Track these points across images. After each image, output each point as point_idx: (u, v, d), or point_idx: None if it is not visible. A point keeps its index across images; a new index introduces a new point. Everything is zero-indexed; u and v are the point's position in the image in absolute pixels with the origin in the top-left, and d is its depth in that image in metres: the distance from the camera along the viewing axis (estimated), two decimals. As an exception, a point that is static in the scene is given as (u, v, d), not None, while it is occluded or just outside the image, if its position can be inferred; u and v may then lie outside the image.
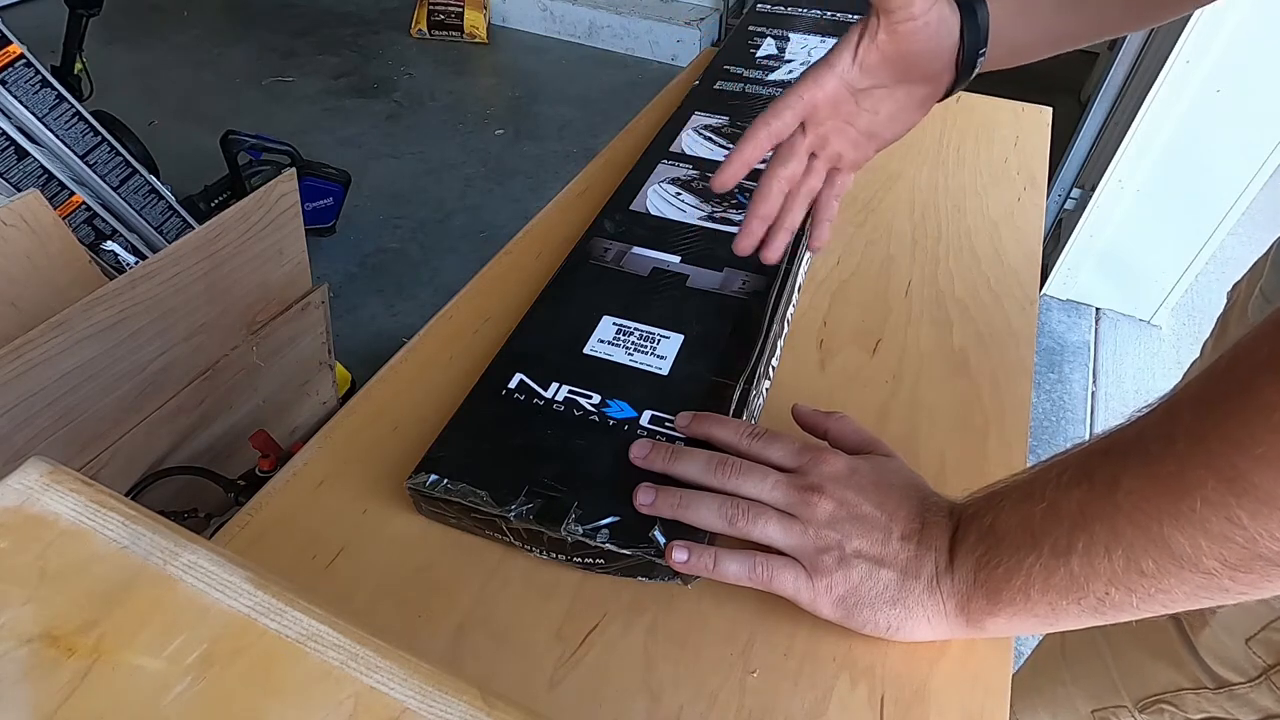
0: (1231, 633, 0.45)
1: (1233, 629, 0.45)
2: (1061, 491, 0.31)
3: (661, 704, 0.36)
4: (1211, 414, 0.26)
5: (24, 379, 0.68)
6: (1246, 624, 0.44)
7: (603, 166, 0.72)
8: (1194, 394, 0.28)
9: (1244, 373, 0.25)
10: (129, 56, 2.75)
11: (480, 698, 0.21)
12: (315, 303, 1.01)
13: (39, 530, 0.24)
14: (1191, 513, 0.26)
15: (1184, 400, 0.28)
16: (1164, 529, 0.27)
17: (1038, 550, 0.31)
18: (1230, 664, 0.46)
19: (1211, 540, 0.26)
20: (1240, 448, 0.24)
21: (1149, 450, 0.28)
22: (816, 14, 0.85)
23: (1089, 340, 1.78)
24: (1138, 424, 0.30)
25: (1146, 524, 0.27)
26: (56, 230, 0.82)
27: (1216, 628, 0.46)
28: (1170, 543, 0.27)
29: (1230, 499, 0.25)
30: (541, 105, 2.61)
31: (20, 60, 1.19)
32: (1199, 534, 0.26)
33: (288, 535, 0.43)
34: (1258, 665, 0.44)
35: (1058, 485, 0.31)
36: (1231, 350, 0.27)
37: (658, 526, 0.39)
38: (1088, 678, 0.59)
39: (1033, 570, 0.31)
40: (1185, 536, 0.26)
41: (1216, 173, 1.52)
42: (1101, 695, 0.57)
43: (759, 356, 0.48)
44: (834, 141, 0.49)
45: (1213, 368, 0.27)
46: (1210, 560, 0.26)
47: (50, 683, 0.21)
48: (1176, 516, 0.26)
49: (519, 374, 0.47)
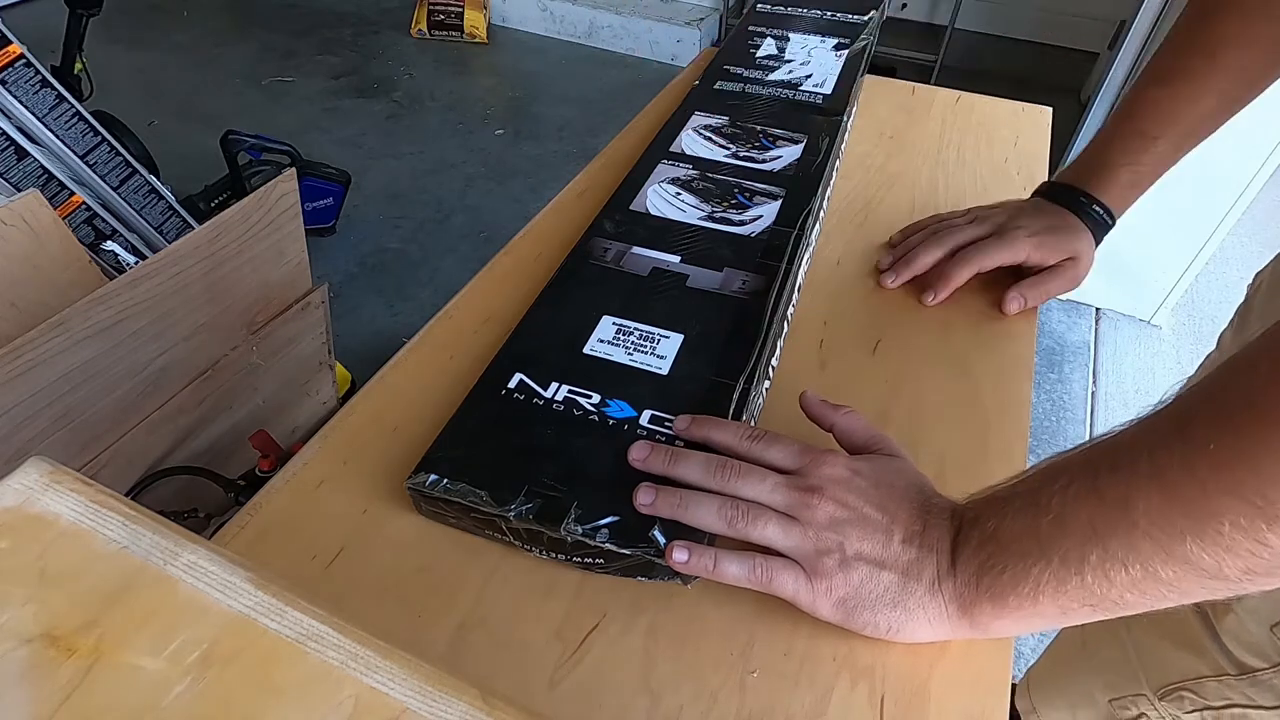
0: (1257, 618, 0.45)
1: (1258, 615, 0.45)
2: (1069, 504, 0.31)
3: (661, 704, 0.36)
4: (1234, 439, 0.25)
5: (24, 379, 0.68)
6: (1270, 610, 0.44)
7: (603, 166, 0.72)
8: (1209, 411, 0.27)
9: (1264, 388, 0.25)
10: (129, 56, 2.74)
11: (480, 698, 0.21)
12: (315, 303, 1.01)
13: (39, 530, 0.24)
14: (1219, 535, 0.26)
15: (1197, 415, 0.27)
16: (1187, 547, 0.26)
17: (1046, 560, 0.31)
18: (1255, 650, 0.46)
19: (1237, 557, 0.25)
20: (1272, 480, 0.24)
21: (1164, 473, 0.27)
22: (816, 14, 0.85)
23: (1089, 340, 1.78)
24: (1143, 433, 0.29)
25: (1168, 543, 0.27)
26: (56, 230, 0.82)
27: (1242, 614, 0.46)
28: (1192, 558, 0.26)
29: (1261, 524, 0.24)
30: (541, 105, 2.61)
31: (20, 60, 1.19)
32: (1224, 552, 0.26)
33: (288, 535, 0.43)
34: None
35: (1064, 497, 0.31)
36: (1244, 358, 0.26)
37: (657, 526, 0.39)
38: (1108, 668, 0.59)
39: (1042, 578, 0.31)
40: (1210, 554, 0.26)
41: (1216, 173, 1.51)
42: (1120, 684, 0.57)
43: (759, 356, 0.48)
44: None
45: (1224, 378, 0.27)
46: (1233, 570, 0.26)
47: (50, 683, 0.21)
48: (1201, 536, 0.26)
49: (519, 374, 0.47)
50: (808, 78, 0.75)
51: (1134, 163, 0.56)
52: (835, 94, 0.73)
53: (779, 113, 0.71)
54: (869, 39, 0.81)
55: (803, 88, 0.74)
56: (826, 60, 0.78)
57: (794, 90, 0.74)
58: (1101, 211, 0.57)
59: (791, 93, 0.73)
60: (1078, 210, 0.58)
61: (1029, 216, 0.58)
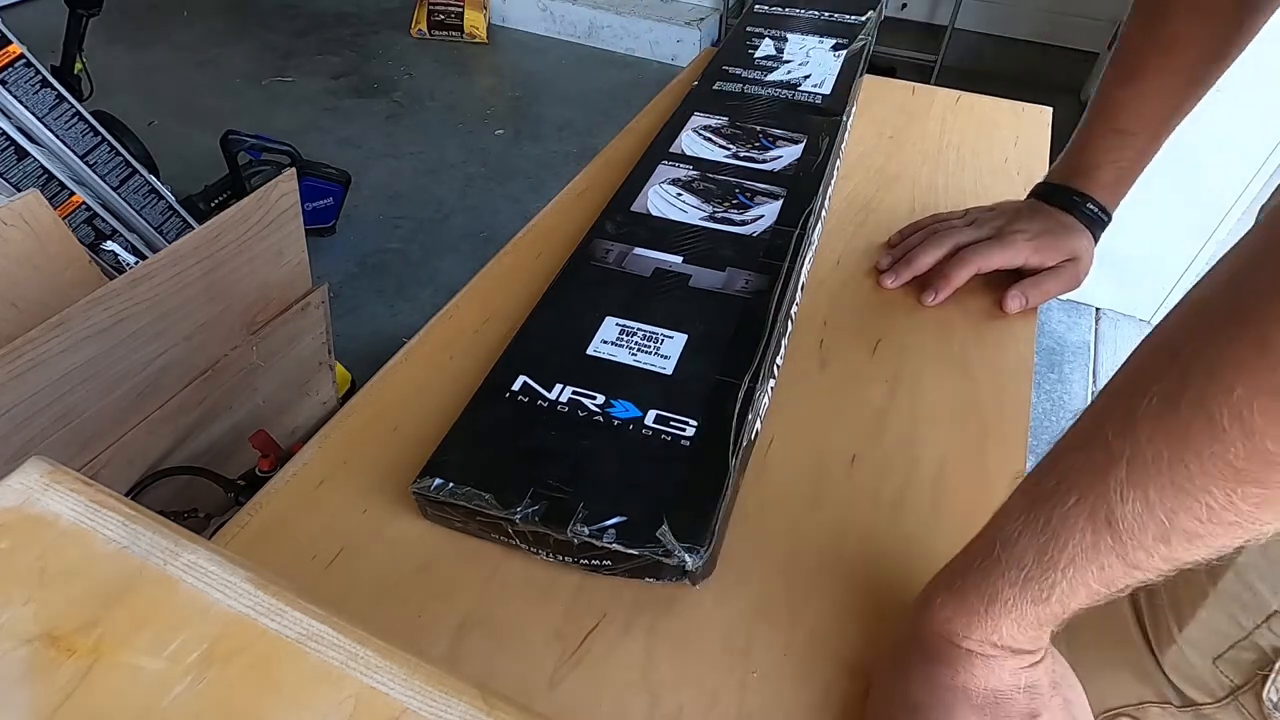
0: (1200, 651, 0.44)
1: (1201, 648, 0.44)
2: (1028, 543, 0.30)
3: (661, 704, 0.36)
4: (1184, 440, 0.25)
5: (24, 379, 0.68)
6: (1214, 643, 0.43)
7: (603, 167, 0.72)
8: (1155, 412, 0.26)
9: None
10: (129, 56, 2.74)
11: (480, 698, 0.21)
12: (315, 303, 1.01)
13: (39, 530, 0.24)
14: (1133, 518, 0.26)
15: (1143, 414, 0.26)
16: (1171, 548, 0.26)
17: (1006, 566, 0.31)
18: (1197, 683, 0.44)
19: (1229, 532, 0.25)
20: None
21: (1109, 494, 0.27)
22: (814, 14, 0.85)
23: (1089, 340, 1.78)
24: (1075, 450, 0.29)
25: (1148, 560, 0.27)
26: (56, 230, 0.82)
27: (1184, 646, 0.45)
28: (1175, 533, 0.26)
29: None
30: (541, 105, 2.61)
31: (20, 60, 1.19)
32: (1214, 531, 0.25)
33: (288, 535, 0.43)
34: (1225, 685, 0.43)
35: (1020, 545, 0.30)
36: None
37: (665, 525, 0.39)
38: None
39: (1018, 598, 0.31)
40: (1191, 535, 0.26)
41: (1216, 173, 1.51)
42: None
43: (764, 354, 0.48)
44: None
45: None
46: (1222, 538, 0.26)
47: (50, 683, 0.21)
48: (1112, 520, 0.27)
49: (522, 376, 0.47)
50: (806, 78, 0.75)
51: (1116, 160, 0.57)
52: (834, 94, 0.73)
53: (778, 113, 0.71)
54: (867, 39, 0.81)
55: (802, 88, 0.74)
56: (825, 60, 0.78)
57: (793, 90, 0.74)
58: (1096, 209, 0.58)
59: (791, 93, 0.73)
60: (1073, 210, 0.58)
61: (1026, 219, 0.59)
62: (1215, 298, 0.25)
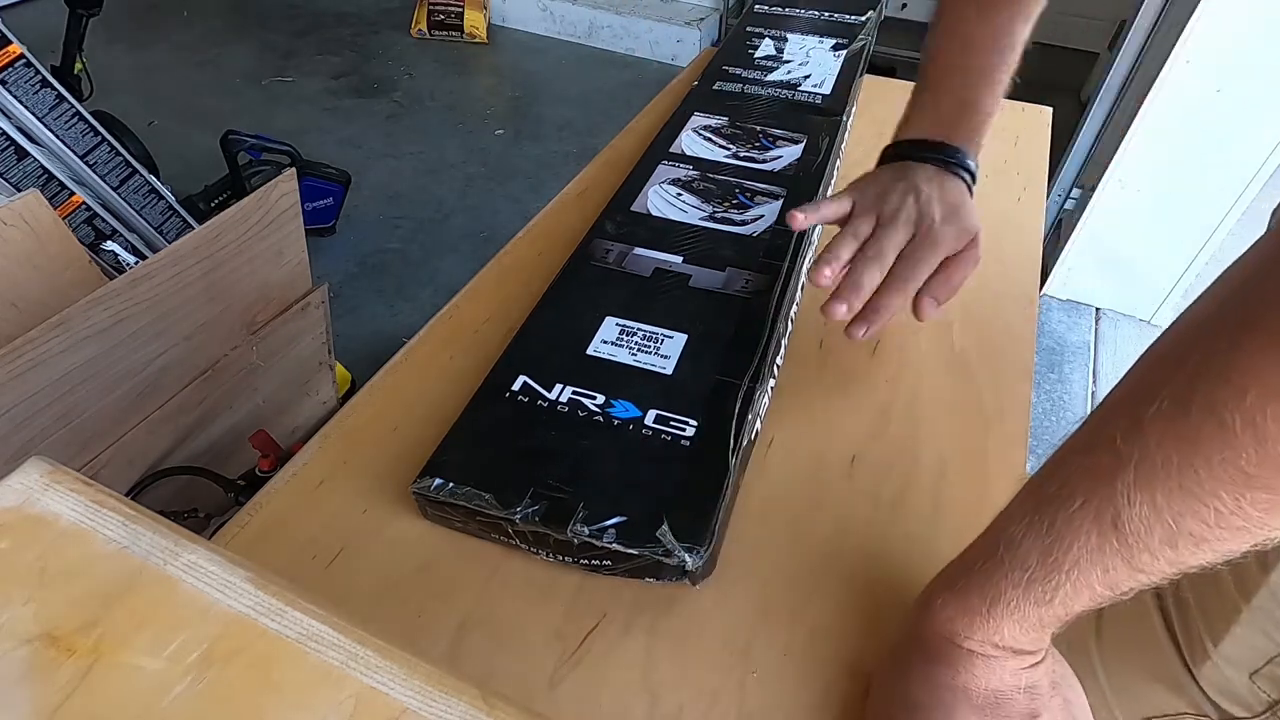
0: (1235, 666, 0.43)
1: (1237, 663, 0.43)
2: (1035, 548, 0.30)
3: (661, 704, 0.36)
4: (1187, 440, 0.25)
5: (24, 379, 0.68)
6: (1251, 659, 0.42)
7: (603, 167, 0.72)
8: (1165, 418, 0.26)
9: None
10: (129, 56, 2.74)
11: (480, 698, 0.21)
12: (315, 303, 1.01)
13: (39, 530, 0.24)
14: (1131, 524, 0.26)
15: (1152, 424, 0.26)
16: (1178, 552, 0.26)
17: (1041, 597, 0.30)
18: (1234, 697, 0.44)
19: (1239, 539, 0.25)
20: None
21: (1114, 500, 0.27)
22: (813, 15, 0.86)
23: (1089, 340, 1.78)
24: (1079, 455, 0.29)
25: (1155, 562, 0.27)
26: (56, 230, 0.82)
27: (1219, 661, 0.44)
28: (1182, 536, 0.26)
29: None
30: (541, 105, 2.61)
31: (20, 60, 1.19)
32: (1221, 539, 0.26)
33: (288, 535, 0.43)
34: (1263, 700, 0.43)
35: (1022, 548, 0.30)
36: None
37: (665, 525, 0.39)
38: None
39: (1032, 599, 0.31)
40: (1200, 541, 0.26)
41: (1216, 173, 1.51)
42: (1093, 712, 0.56)
43: (764, 354, 0.48)
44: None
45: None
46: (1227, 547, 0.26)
47: (50, 683, 0.21)
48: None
49: (522, 376, 0.47)
50: (806, 78, 0.75)
51: (965, 100, 0.55)
52: (834, 94, 0.73)
53: (778, 113, 0.71)
54: (867, 39, 0.81)
55: (802, 88, 0.74)
56: (825, 60, 0.78)
57: (793, 90, 0.74)
58: (973, 164, 0.54)
59: (791, 93, 0.73)
60: (955, 171, 0.54)
61: (925, 194, 0.52)
62: (1227, 304, 0.25)
